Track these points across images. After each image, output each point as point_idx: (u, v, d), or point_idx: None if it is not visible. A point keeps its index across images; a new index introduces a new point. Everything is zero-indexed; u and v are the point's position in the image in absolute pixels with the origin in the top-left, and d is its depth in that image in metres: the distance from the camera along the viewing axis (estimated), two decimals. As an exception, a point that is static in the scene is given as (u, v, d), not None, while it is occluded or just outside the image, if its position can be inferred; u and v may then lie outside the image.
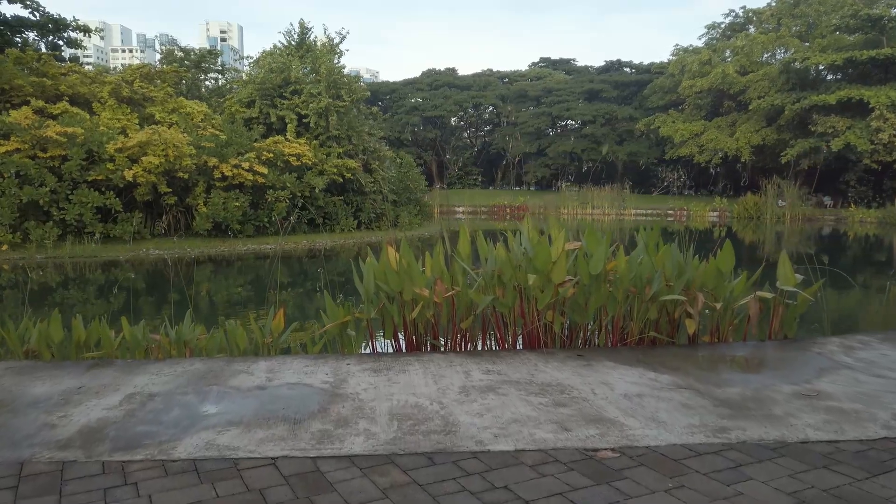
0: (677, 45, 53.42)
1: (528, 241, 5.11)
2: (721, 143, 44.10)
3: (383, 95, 59.68)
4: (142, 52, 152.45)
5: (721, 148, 44.11)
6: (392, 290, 4.93)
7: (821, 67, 39.42)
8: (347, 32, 24.69)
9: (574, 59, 71.75)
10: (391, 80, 59.03)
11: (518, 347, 5.12)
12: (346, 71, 23.30)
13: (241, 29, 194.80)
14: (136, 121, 19.54)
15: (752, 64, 44.29)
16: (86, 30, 22.45)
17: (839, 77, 39.75)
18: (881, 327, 8.82)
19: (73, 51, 24.48)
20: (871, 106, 34.45)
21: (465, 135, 69.81)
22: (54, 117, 17.71)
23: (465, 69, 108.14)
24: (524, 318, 5.01)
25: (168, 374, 4.21)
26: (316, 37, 24.95)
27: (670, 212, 46.67)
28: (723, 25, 51.83)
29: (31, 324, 4.88)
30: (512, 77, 64.42)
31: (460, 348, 5.11)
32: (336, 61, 23.29)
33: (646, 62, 57.53)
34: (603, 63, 59.21)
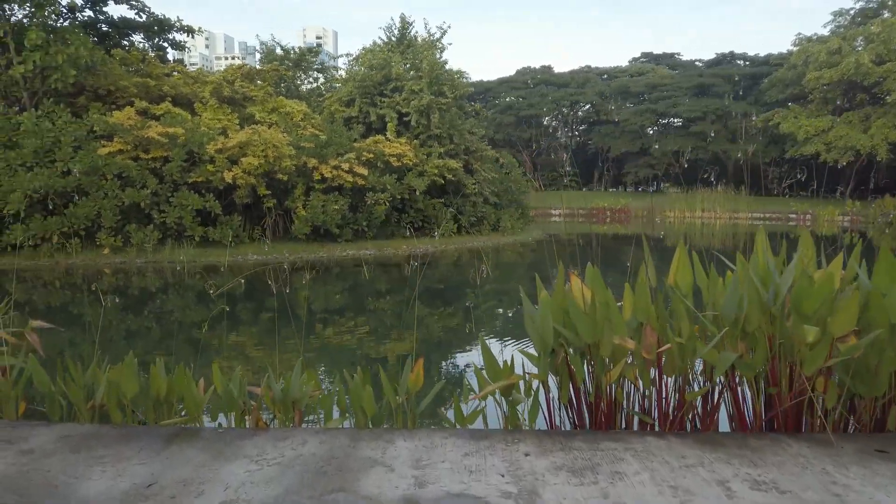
0: (799, 34, 48.93)
1: (773, 266, 3.45)
2: (853, 140, 39.77)
3: (477, 95, 58.38)
4: (243, 59, 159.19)
5: (853, 145, 39.78)
6: (581, 340, 3.41)
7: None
8: (449, 26, 23.49)
9: (678, 54, 67.80)
10: (484, 79, 57.68)
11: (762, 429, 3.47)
12: (447, 67, 22.08)
13: (335, 34, 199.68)
14: (237, 121, 19.07)
15: (889, 52, 39.66)
16: (190, 30, 22.38)
17: None
18: None
19: (177, 53, 24.63)
20: None
21: (559, 134, 67.46)
22: (157, 118, 17.44)
23: (560, 67, 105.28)
24: (779, 387, 3.36)
25: (273, 462, 2.88)
26: (416, 32, 23.91)
27: (792, 215, 42.64)
28: (852, 12, 47.00)
29: (100, 370, 3.71)
30: (612, 73, 61.50)
31: (673, 425, 3.51)
32: (438, 56, 22.10)
33: (761, 54, 53.19)
34: (713, 56, 55.27)
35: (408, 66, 22.34)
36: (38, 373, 3.60)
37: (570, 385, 3.49)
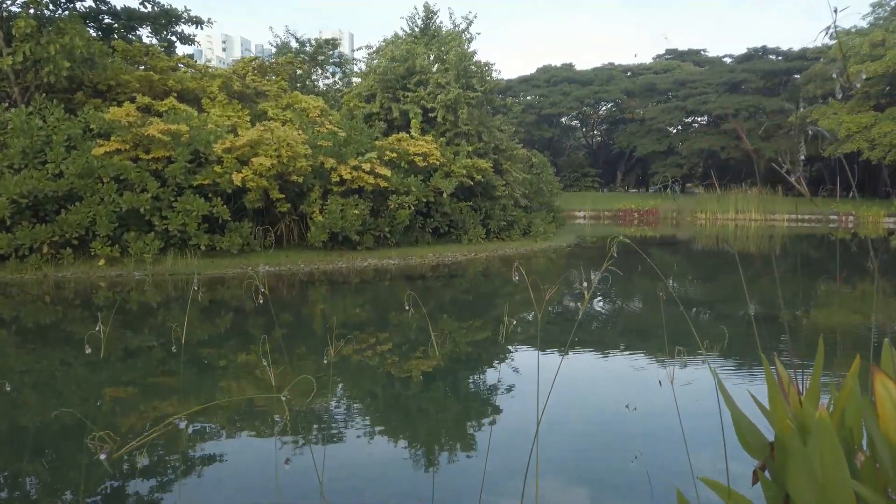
0: (837, 26, 46.47)
1: None
2: (899, 137, 37.49)
3: (498, 94, 56.62)
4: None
5: (899, 142, 37.51)
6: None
7: None
8: (475, 16, 21.72)
9: (704, 50, 65.59)
10: (505, 78, 55.70)
11: None
12: (476, 58, 20.28)
13: (351, 36, 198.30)
14: (248, 118, 17.47)
15: (939, 43, 37.37)
16: (198, 21, 20.84)
17: None
18: None
19: (187, 49, 23.06)
20: None
21: (580, 134, 65.47)
22: (160, 115, 15.87)
23: (582, 64, 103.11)
24: None
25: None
26: (441, 22, 22.16)
27: (833, 217, 40.40)
28: (892, 3, 44.60)
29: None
30: (636, 70, 59.44)
31: None
32: (466, 47, 20.32)
33: (795, 48, 50.88)
34: (745, 51, 52.98)
35: (433, 57, 20.62)
36: None
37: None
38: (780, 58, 50.95)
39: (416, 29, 22.04)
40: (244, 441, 5.09)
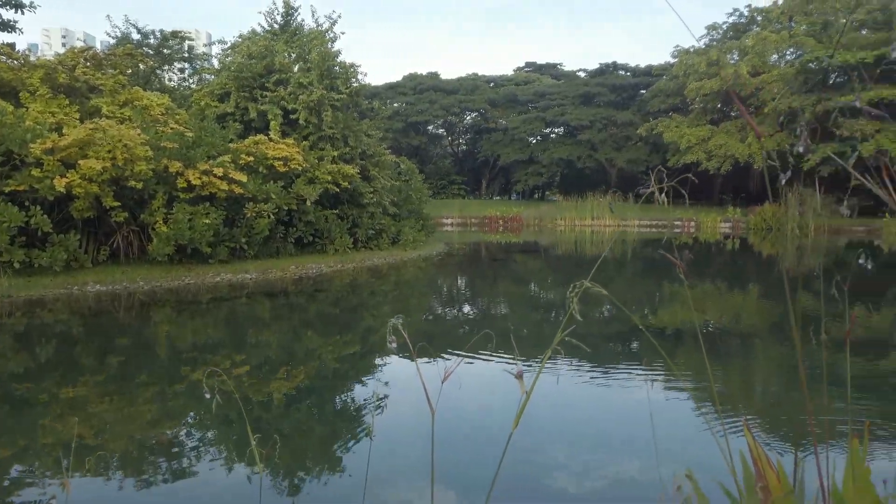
0: (677, 46, 50.47)
1: None
2: (732, 149, 41.14)
3: (364, 100, 55.63)
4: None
5: (732, 154, 41.14)
6: None
7: (842, 66, 36.63)
8: (339, 16, 20.72)
9: (561, 64, 68.78)
10: (371, 83, 54.74)
11: None
12: (340, 58, 19.24)
13: (209, 35, 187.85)
14: (77, 115, 15.29)
15: (763, 64, 41.51)
16: (19, 5, 18.08)
17: (859, 77, 36.98)
18: None
19: (7, 37, 19.93)
20: (905, 108, 31.64)
21: (446, 142, 66.13)
22: (-37, 108, 13.40)
23: (448, 73, 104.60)
24: None
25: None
26: (303, 19, 20.92)
27: (677, 222, 43.54)
28: (724, 26, 49.09)
29: None
30: (499, 81, 60.97)
31: None
32: (330, 47, 19.22)
33: (641, 65, 54.57)
34: (597, 66, 56.03)
35: (294, 56, 19.34)
36: None
37: None
38: (628, 73, 54.36)
39: (276, 25, 20.62)
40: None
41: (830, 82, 37.84)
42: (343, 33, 20.88)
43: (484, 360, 7.70)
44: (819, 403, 4.84)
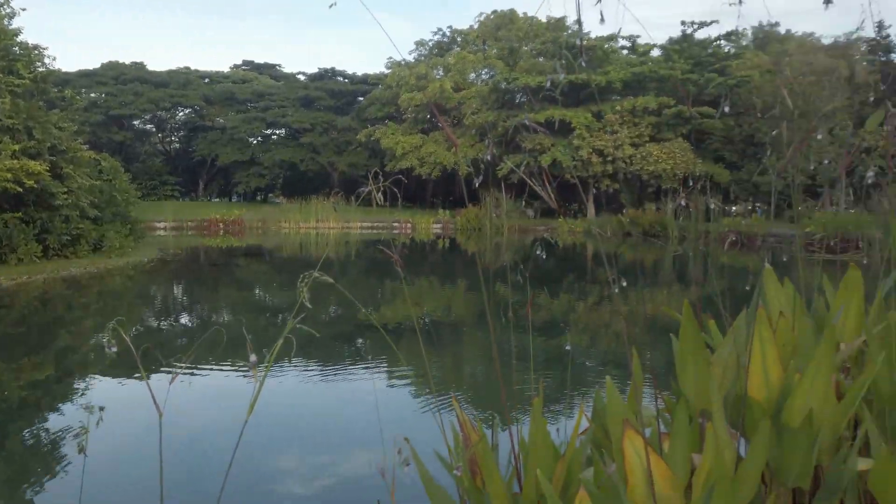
0: (390, 58, 53.61)
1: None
2: (440, 157, 45.13)
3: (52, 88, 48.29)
4: None
5: (440, 161, 45.14)
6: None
7: (525, 88, 42.69)
8: (16, -12, 17.84)
9: (280, 65, 68.03)
10: (61, 69, 47.67)
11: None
12: (20, 38, 16.59)
13: None
14: None
15: (464, 81, 46.31)
16: None
17: (541, 98, 43.57)
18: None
19: None
20: (572, 126, 38.16)
21: (156, 139, 60.85)
22: None
23: (156, 65, 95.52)
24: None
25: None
26: (-34, -11, 17.51)
27: (395, 224, 46.24)
28: (430, 43, 53.60)
29: None
30: (214, 77, 58.06)
31: None
32: (7, 23, 16.43)
33: (359, 73, 56.81)
34: (317, 70, 56.72)
35: (-45, 31, 16.14)
36: None
37: None
38: (346, 80, 56.10)
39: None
40: None
41: (517, 101, 43.82)
42: (24, 10, 18.01)
43: (208, 370, 7.53)
44: (509, 376, 5.84)
